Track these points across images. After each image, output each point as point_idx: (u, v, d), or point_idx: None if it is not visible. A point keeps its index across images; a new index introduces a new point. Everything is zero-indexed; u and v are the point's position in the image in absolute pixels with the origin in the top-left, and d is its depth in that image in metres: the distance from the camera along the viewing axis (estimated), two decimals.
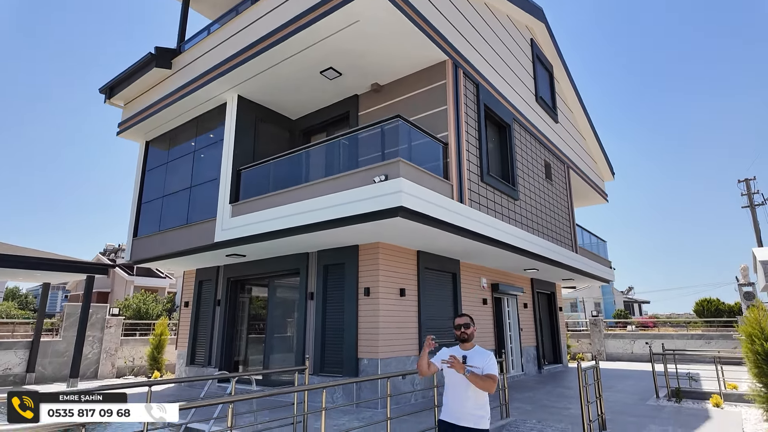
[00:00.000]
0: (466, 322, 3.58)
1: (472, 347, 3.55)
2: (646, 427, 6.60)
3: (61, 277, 13.16)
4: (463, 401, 3.36)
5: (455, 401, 3.40)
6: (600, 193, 17.36)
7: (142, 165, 11.87)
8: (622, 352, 19.45)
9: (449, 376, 3.48)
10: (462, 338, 3.56)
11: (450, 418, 3.39)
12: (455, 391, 3.42)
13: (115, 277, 34.57)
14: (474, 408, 3.34)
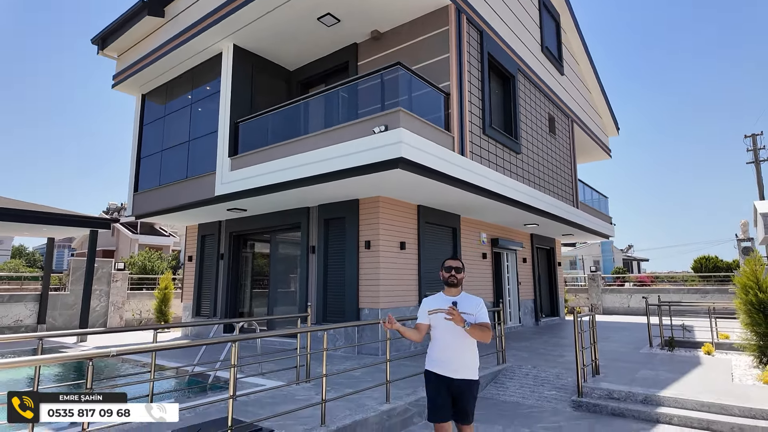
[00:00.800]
0: (458, 266, 3.31)
1: (459, 293, 3.30)
2: (638, 371, 6.82)
3: (65, 232, 13.29)
4: (457, 352, 3.16)
5: (447, 352, 3.18)
6: (604, 148, 17.15)
7: (139, 119, 11.70)
8: (619, 306, 19.85)
9: (439, 326, 3.23)
10: (450, 282, 3.28)
11: (443, 371, 3.17)
12: (447, 341, 3.19)
13: (119, 236, 34.93)
14: (469, 359, 3.18)
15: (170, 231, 37.97)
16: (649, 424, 5.05)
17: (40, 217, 11.00)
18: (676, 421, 5.01)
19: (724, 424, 4.77)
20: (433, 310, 3.22)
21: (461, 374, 3.15)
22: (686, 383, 6.04)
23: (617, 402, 5.57)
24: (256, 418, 3.99)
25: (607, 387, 5.84)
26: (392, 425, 4.78)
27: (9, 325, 12.43)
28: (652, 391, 5.57)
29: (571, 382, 6.41)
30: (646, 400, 5.48)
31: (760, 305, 7.24)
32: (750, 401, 5.06)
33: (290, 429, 3.99)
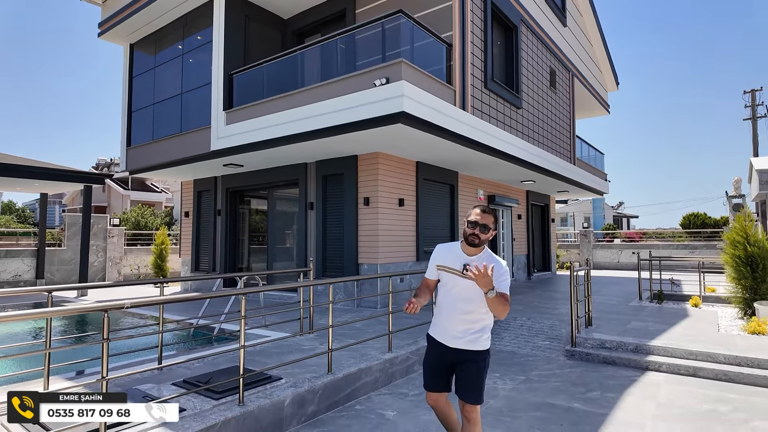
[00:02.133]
0: (486, 224, 2.61)
1: (479, 252, 2.68)
2: (628, 323, 7.08)
3: (58, 187, 13.12)
4: (463, 318, 2.66)
5: (452, 317, 2.69)
6: (603, 103, 16.94)
7: (128, 70, 11.29)
8: (609, 261, 20.31)
9: (447, 285, 2.72)
10: (472, 242, 2.64)
11: (443, 338, 2.73)
12: (454, 306, 2.68)
13: (111, 192, 34.58)
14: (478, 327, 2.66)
15: (162, 187, 37.63)
16: (639, 371, 5.30)
17: (34, 172, 10.82)
18: (665, 369, 5.26)
19: (710, 371, 5.01)
20: (443, 267, 2.71)
21: (464, 344, 2.65)
22: (674, 333, 6.29)
23: (609, 351, 5.81)
24: (265, 367, 4.12)
25: (599, 337, 6.07)
26: (394, 372, 4.97)
27: (8, 280, 12.50)
28: (642, 341, 5.80)
29: (564, 333, 6.64)
30: (637, 349, 5.72)
31: (747, 259, 7.44)
32: (735, 350, 5.30)
33: (298, 377, 4.14)
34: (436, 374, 2.77)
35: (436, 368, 2.77)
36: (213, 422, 3.12)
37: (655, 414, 3.99)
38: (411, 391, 4.64)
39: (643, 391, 4.62)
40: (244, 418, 3.31)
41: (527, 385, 4.83)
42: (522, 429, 3.68)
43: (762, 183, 8.36)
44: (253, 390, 3.74)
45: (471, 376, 2.64)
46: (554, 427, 3.71)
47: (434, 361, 2.78)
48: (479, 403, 2.65)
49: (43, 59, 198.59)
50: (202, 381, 3.80)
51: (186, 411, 3.28)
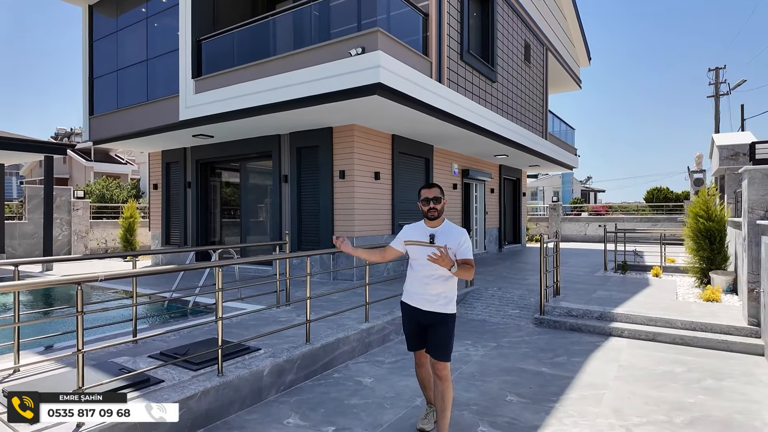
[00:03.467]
0: (436, 196, 2.96)
1: (441, 224, 3.00)
2: (594, 292, 7.40)
3: (16, 158, 12.48)
4: (431, 285, 2.93)
5: (422, 285, 2.96)
6: (575, 78, 17.14)
7: (88, 34, 10.66)
8: (576, 233, 21.00)
9: (416, 258, 3.00)
10: (431, 216, 2.96)
11: (415, 302, 3.01)
12: (423, 274, 2.96)
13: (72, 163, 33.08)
14: (445, 292, 2.96)
15: (127, 158, 36.25)
16: (603, 337, 5.59)
17: None
18: (627, 334, 5.56)
19: (668, 336, 5.33)
20: (411, 241, 3.00)
21: (434, 307, 2.93)
22: (636, 301, 6.63)
23: (575, 319, 6.09)
24: (244, 339, 4.14)
25: (566, 306, 6.34)
26: (371, 341, 5.08)
27: None
28: (606, 309, 6.10)
29: (533, 302, 6.90)
30: (602, 316, 6.01)
31: (707, 232, 7.84)
32: (691, 316, 5.64)
33: (276, 347, 4.18)
34: (414, 335, 3.10)
35: (413, 330, 3.10)
36: (192, 392, 3.14)
37: (617, 376, 4.24)
38: (387, 359, 4.76)
39: (607, 355, 4.89)
40: (223, 387, 3.34)
41: (498, 351, 5.03)
42: (493, 392, 3.86)
43: (722, 158, 8.74)
44: (232, 361, 3.76)
45: (441, 336, 2.94)
46: (524, 390, 3.90)
47: (411, 324, 3.10)
48: (448, 360, 2.94)
49: None
50: (180, 353, 3.79)
51: (164, 382, 3.28)
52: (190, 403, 3.10)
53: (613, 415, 3.41)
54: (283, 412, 3.47)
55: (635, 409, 3.51)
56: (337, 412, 3.47)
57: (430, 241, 2.91)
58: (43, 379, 3.34)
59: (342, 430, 3.17)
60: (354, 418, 3.37)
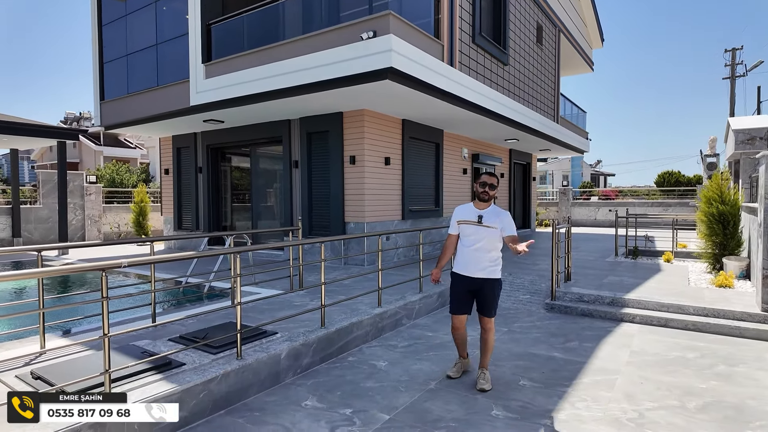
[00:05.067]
0: (492, 183, 3.60)
1: (488, 206, 3.64)
2: (605, 278, 7.41)
3: (29, 143, 12.61)
4: (481, 257, 3.59)
5: (473, 257, 3.60)
6: (587, 61, 16.83)
7: (97, 18, 10.63)
8: (586, 218, 20.88)
9: (467, 235, 3.65)
10: (482, 198, 3.61)
11: (467, 272, 3.63)
12: (474, 248, 3.59)
13: (82, 148, 33.31)
14: (491, 262, 3.63)
15: (137, 143, 36.41)
16: (615, 322, 5.62)
17: (3, 127, 10.32)
18: (638, 320, 5.58)
19: (680, 322, 5.35)
20: (463, 221, 3.65)
21: (483, 274, 3.59)
22: (648, 287, 6.63)
23: (586, 304, 6.11)
24: (261, 323, 4.22)
25: (577, 291, 6.36)
26: (384, 326, 5.15)
27: None
28: (617, 294, 6.11)
29: (544, 287, 6.93)
30: (613, 302, 6.03)
31: (720, 216, 7.77)
32: (703, 302, 5.65)
33: (292, 331, 4.26)
34: (462, 301, 3.69)
35: (462, 296, 3.68)
36: (213, 375, 3.23)
37: (628, 361, 4.28)
38: (400, 343, 4.83)
39: (618, 340, 4.92)
40: (243, 370, 3.43)
41: (510, 336, 5.09)
42: (506, 376, 3.92)
43: (738, 143, 8.59)
44: (250, 344, 3.85)
45: (489, 298, 3.64)
46: (536, 375, 3.95)
47: (461, 291, 3.68)
48: (494, 316, 3.70)
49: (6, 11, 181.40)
50: (199, 337, 3.89)
51: (186, 365, 3.37)
52: (211, 385, 3.19)
53: (625, 399, 3.46)
54: (300, 394, 3.56)
55: (648, 394, 3.56)
56: (353, 394, 3.55)
57: (477, 220, 3.55)
58: (70, 361, 3.45)
59: (359, 412, 3.25)
60: (370, 400, 3.44)
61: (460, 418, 3.17)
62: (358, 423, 3.10)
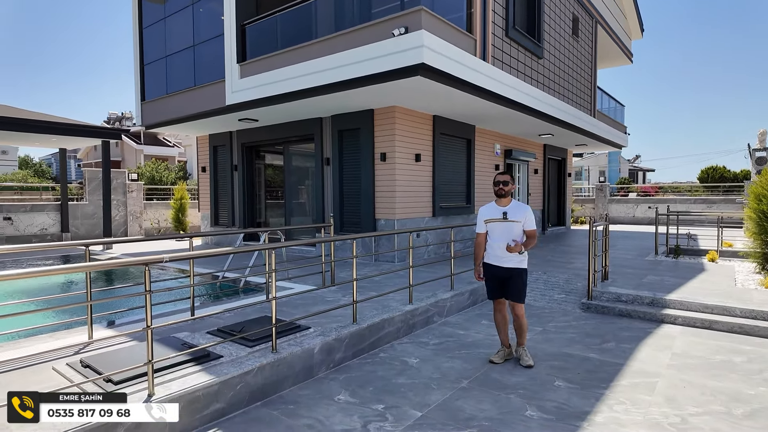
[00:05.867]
0: (506, 180, 4.02)
1: (510, 203, 4.05)
2: (644, 277, 7.16)
3: (75, 142, 13.25)
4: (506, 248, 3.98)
5: (501, 249, 4.01)
6: (626, 52, 16.23)
7: (138, 21, 11.04)
8: (624, 215, 20.21)
9: (494, 231, 4.08)
10: (499, 194, 4.03)
11: (496, 262, 4.07)
12: (501, 241, 4.02)
13: (124, 146, 34.72)
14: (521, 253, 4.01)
15: (174, 141, 37.65)
16: (655, 324, 5.42)
17: (52, 128, 10.90)
18: (680, 322, 5.37)
19: (725, 324, 5.11)
20: (489, 219, 4.08)
21: (511, 264, 4.02)
22: (691, 287, 6.36)
23: (624, 304, 5.92)
24: (295, 317, 4.31)
25: (615, 291, 6.17)
26: (415, 323, 5.15)
27: (35, 234, 12.92)
28: (658, 294, 5.89)
29: (580, 286, 6.76)
30: (653, 302, 5.82)
31: None
32: (751, 303, 5.37)
33: (325, 326, 4.32)
34: (496, 287, 4.15)
35: (495, 284, 4.14)
36: (250, 368, 3.32)
37: (670, 364, 4.12)
38: (431, 340, 4.82)
39: (659, 342, 4.75)
40: (278, 364, 3.51)
41: (544, 336, 4.99)
42: (540, 376, 3.85)
43: None
44: (284, 338, 3.93)
45: (518, 285, 4.05)
46: (571, 375, 3.87)
47: (493, 279, 4.14)
48: (523, 302, 4.11)
49: (50, 10, 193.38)
50: (236, 330, 3.99)
51: (224, 357, 3.48)
52: (247, 377, 3.28)
53: (666, 404, 3.34)
54: (333, 388, 3.61)
55: (691, 398, 3.42)
56: (385, 390, 3.57)
57: (503, 217, 3.97)
58: (115, 351, 3.61)
59: (391, 408, 3.27)
60: (402, 397, 3.46)
61: (493, 417, 3.14)
62: (390, 419, 3.12)
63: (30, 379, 3.14)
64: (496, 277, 4.10)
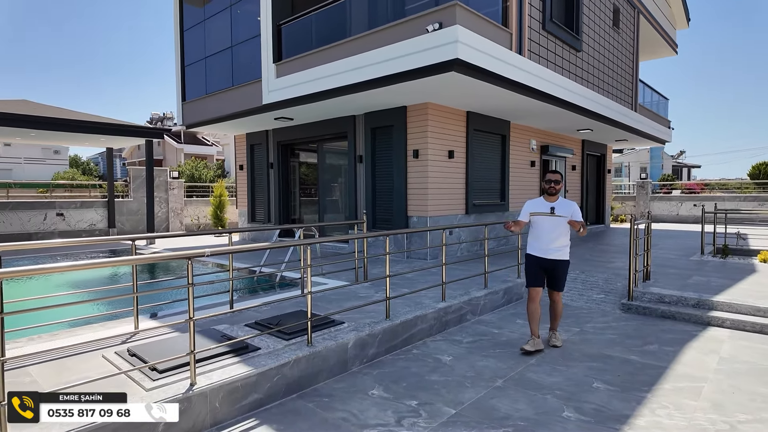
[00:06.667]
0: (557, 179, 4.36)
1: (557, 199, 4.38)
2: (689, 277, 6.85)
3: (122, 142, 13.86)
4: (551, 241, 4.33)
5: (545, 242, 4.35)
6: (670, 43, 15.51)
7: (179, 24, 11.43)
8: (667, 214, 19.38)
9: (538, 223, 4.37)
10: (550, 192, 4.38)
11: (540, 254, 4.37)
12: (548, 234, 4.33)
13: (165, 146, 36.05)
14: (561, 245, 4.36)
15: (213, 140, 38.81)
16: (700, 326, 5.18)
17: (102, 128, 11.46)
18: (729, 325, 5.11)
19: None
20: (536, 213, 4.37)
21: (553, 256, 4.33)
22: (740, 289, 6.04)
23: (668, 306, 5.69)
24: (329, 312, 4.37)
25: (657, 291, 5.94)
26: (448, 321, 5.13)
27: (85, 229, 13.63)
28: (704, 296, 5.63)
29: (620, 286, 6.54)
30: (698, 304, 5.56)
31: None
32: None
33: (359, 322, 4.36)
34: (538, 276, 4.43)
35: (537, 273, 4.42)
36: (286, 360, 3.39)
37: (717, 368, 3.94)
38: (465, 338, 4.79)
39: (705, 345, 4.54)
40: (313, 357, 3.57)
41: (582, 336, 4.87)
42: (578, 378, 3.76)
43: None
44: (319, 332, 4.00)
45: (561, 275, 4.42)
46: (611, 377, 3.75)
47: (535, 269, 4.42)
48: (563, 290, 4.51)
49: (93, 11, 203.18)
50: (273, 323, 4.09)
51: (261, 350, 3.57)
52: (284, 370, 3.36)
53: (713, 410, 3.19)
54: (367, 383, 3.64)
55: (740, 405, 3.26)
56: (418, 387, 3.57)
57: (550, 211, 4.27)
58: (159, 341, 3.77)
59: (424, 405, 3.27)
60: (435, 394, 3.45)
61: (528, 417, 3.09)
62: (424, 415, 3.12)
63: (82, 366, 3.32)
64: (541, 267, 4.37)
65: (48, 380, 3.06)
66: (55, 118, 10.91)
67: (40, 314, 4.12)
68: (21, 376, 3.13)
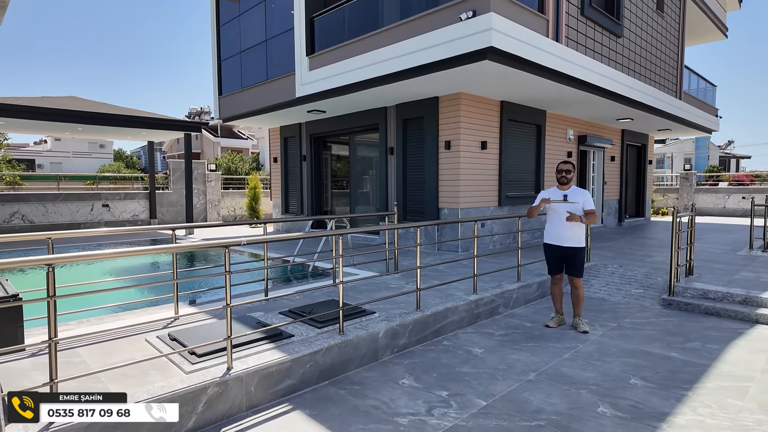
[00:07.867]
0: (568, 168, 4.55)
1: (570, 188, 4.58)
2: (736, 273, 6.52)
3: (162, 135, 14.39)
4: (566, 230, 4.53)
5: (560, 230, 4.57)
6: (719, 26, 14.66)
7: (216, 20, 11.69)
8: (713, 207, 18.48)
9: (553, 212, 4.58)
10: (562, 182, 4.58)
11: (555, 242, 4.63)
12: (560, 222, 4.54)
13: (202, 139, 37.14)
14: (575, 233, 4.55)
15: (248, 134, 39.67)
16: (748, 324, 4.94)
17: (143, 122, 11.92)
18: None
19: None
20: (548, 200, 4.53)
21: (569, 243, 4.57)
22: None
23: (712, 302, 5.44)
24: (360, 302, 4.42)
25: (701, 287, 5.69)
26: (480, 313, 5.09)
27: (128, 219, 14.26)
28: (753, 293, 5.35)
29: (660, 281, 6.30)
30: (746, 300, 5.29)
31: None
32: None
33: (389, 312, 4.39)
34: (556, 264, 4.74)
35: (555, 260, 4.72)
36: (318, 347, 3.46)
37: (765, 368, 3.75)
38: (497, 331, 4.74)
39: (753, 344, 4.32)
40: (344, 345, 3.63)
41: (619, 332, 4.73)
42: (614, 373, 3.66)
43: None
44: (351, 322, 4.05)
45: (577, 261, 4.62)
46: (649, 374, 3.64)
47: (553, 257, 4.73)
48: (581, 276, 4.67)
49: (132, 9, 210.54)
50: (306, 311, 4.18)
51: (295, 337, 3.66)
52: (317, 357, 3.43)
53: (761, 410, 3.04)
54: (397, 372, 3.67)
55: None
56: (449, 378, 3.57)
57: (563, 199, 4.46)
58: (197, 327, 3.92)
59: (455, 396, 3.27)
60: (466, 385, 3.44)
61: (562, 412, 3.04)
62: (454, 406, 3.12)
63: (126, 348, 3.50)
64: (556, 255, 4.65)
65: (96, 361, 3.24)
66: (101, 113, 11.43)
67: (87, 299, 4.35)
68: (71, 356, 3.33)
